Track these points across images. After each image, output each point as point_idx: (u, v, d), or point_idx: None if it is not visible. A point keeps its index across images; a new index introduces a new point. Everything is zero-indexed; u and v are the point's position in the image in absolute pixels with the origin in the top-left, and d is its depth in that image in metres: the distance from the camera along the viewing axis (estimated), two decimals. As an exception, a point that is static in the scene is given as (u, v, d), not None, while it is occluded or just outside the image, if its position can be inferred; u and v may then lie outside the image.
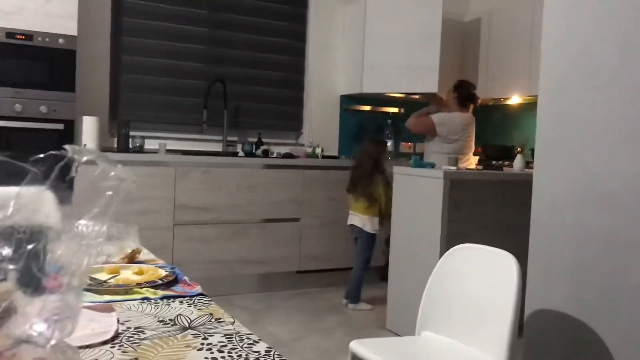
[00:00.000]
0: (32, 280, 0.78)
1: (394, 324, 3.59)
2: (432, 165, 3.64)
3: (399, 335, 3.32)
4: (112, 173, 0.66)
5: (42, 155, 0.66)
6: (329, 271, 4.61)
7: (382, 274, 4.11)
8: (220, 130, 4.76)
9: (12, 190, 0.81)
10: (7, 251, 0.79)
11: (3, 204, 0.83)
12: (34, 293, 0.78)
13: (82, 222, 0.68)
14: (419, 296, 2.10)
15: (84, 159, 0.66)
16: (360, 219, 4.06)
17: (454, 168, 3.49)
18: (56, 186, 0.74)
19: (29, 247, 0.79)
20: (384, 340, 2.19)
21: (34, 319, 0.73)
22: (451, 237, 3.18)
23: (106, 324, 1.05)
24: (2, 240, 0.79)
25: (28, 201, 0.79)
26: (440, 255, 2.21)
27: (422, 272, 3.11)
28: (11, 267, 0.78)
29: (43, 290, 0.77)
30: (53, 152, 0.65)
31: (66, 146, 0.65)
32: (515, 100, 5.05)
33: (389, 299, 3.67)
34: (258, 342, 1.01)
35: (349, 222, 4.15)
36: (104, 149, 4.09)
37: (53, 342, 0.67)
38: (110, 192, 0.66)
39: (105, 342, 0.98)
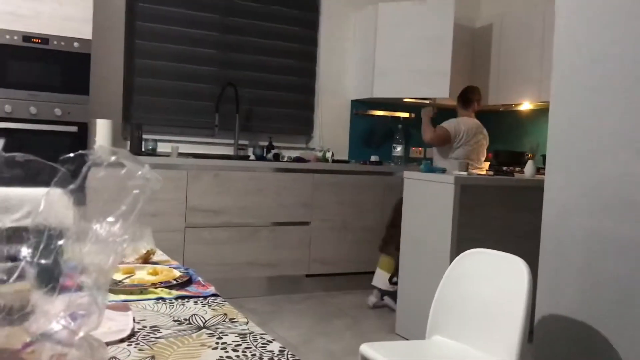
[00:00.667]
0: (50, 279, 0.80)
1: (403, 328, 3.60)
2: (443, 170, 3.65)
3: (408, 340, 3.33)
4: (139, 173, 0.68)
5: (71, 155, 0.68)
6: (338, 275, 4.62)
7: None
8: (231, 134, 4.79)
9: (23, 191, 0.83)
10: (25, 250, 0.81)
11: (17, 205, 0.85)
12: (52, 291, 0.80)
13: (109, 220, 0.70)
14: (429, 301, 2.10)
15: (112, 158, 0.68)
16: (378, 275, 4.10)
17: (464, 173, 3.49)
18: (73, 187, 0.76)
19: (47, 246, 0.81)
20: (395, 344, 2.20)
21: (55, 316, 0.75)
22: (461, 242, 3.18)
23: (122, 323, 1.07)
24: (20, 240, 0.81)
25: (47, 201, 0.81)
26: (451, 260, 2.22)
27: (432, 276, 3.12)
28: (30, 265, 0.80)
29: (61, 288, 0.79)
30: (82, 152, 0.67)
31: (95, 146, 0.66)
32: (526, 106, 5.04)
33: (398, 304, 3.67)
34: (272, 342, 1.03)
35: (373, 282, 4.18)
36: (116, 151, 4.12)
37: (81, 335, 0.69)
38: (137, 191, 0.67)
39: (122, 340, 0.99)
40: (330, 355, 3.25)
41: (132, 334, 1.03)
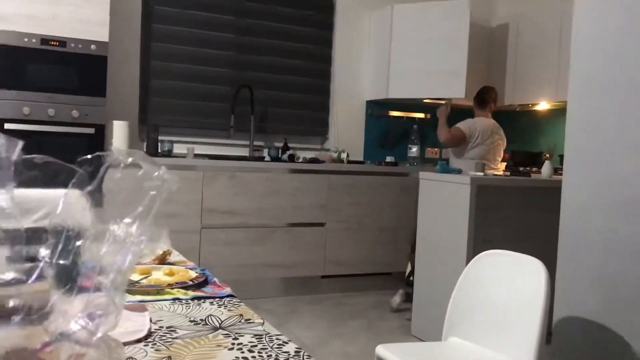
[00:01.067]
0: (69, 279, 0.81)
1: (419, 330, 3.58)
2: (459, 171, 3.63)
3: (424, 341, 3.31)
4: (156, 174, 0.68)
5: (89, 156, 0.69)
6: (353, 276, 4.61)
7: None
8: (247, 135, 4.80)
9: (42, 193, 0.83)
10: (44, 251, 0.81)
11: (36, 206, 0.86)
12: (71, 292, 0.81)
13: (126, 221, 0.71)
14: (445, 302, 2.09)
15: (129, 160, 0.69)
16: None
17: (480, 174, 3.47)
18: (90, 188, 0.76)
19: (66, 247, 0.82)
20: (411, 345, 2.19)
21: (73, 316, 0.76)
22: (478, 243, 3.17)
23: (139, 323, 1.08)
24: (39, 241, 0.81)
25: (65, 202, 0.82)
26: (467, 262, 2.20)
27: (448, 278, 3.10)
28: (48, 266, 0.81)
29: (79, 289, 0.80)
30: (99, 153, 0.67)
31: (112, 147, 0.67)
32: (543, 106, 5.00)
33: (414, 305, 3.66)
34: (287, 343, 1.03)
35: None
36: (133, 153, 4.15)
37: (99, 335, 0.69)
38: (153, 192, 0.68)
39: (138, 341, 1.00)
40: (346, 356, 3.25)
41: (149, 334, 1.04)
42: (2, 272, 0.79)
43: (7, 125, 3.49)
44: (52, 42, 3.61)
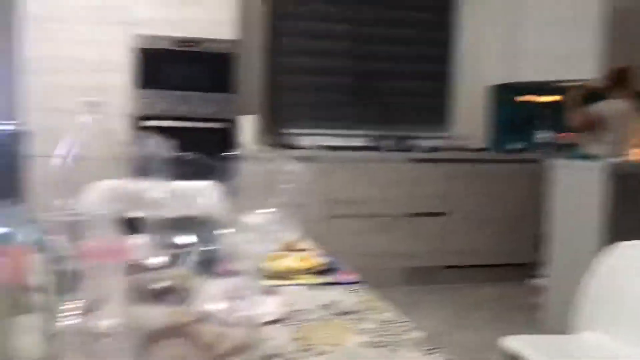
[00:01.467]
0: (211, 265, 0.89)
1: (546, 323, 3.43)
2: (594, 157, 3.42)
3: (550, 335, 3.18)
4: (289, 167, 0.73)
5: (227, 152, 0.75)
6: (476, 267, 4.50)
7: (531, 270, 3.94)
8: (368, 126, 4.84)
9: (188, 185, 0.91)
10: (189, 239, 0.89)
11: (182, 197, 0.94)
12: (213, 276, 0.89)
13: (262, 211, 0.76)
14: (576, 294, 1.99)
15: (263, 155, 0.74)
16: None
17: (617, 159, 3.25)
18: (231, 181, 0.83)
19: (208, 235, 0.89)
20: (540, 338, 2.12)
21: (216, 298, 0.83)
22: (613, 233, 2.97)
23: (273, 306, 1.14)
24: (185, 229, 0.90)
25: (206, 194, 0.89)
26: (601, 252, 2.08)
27: (581, 268, 2.94)
28: (193, 252, 0.88)
29: (219, 273, 0.87)
30: (237, 149, 0.73)
31: (244, 141, 0.72)
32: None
33: (544, 297, 3.51)
34: (413, 330, 1.05)
35: None
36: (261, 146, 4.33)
37: (238, 316, 0.75)
38: (287, 184, 0.72)
39: (272, 322, 1.06)
40: (469, 348, 3.19)
41: (282, 317, 1.10)
42: (154, 256, 0.88)
43: (145, 123, 3.77)
44: (186, 43, 3.85)
